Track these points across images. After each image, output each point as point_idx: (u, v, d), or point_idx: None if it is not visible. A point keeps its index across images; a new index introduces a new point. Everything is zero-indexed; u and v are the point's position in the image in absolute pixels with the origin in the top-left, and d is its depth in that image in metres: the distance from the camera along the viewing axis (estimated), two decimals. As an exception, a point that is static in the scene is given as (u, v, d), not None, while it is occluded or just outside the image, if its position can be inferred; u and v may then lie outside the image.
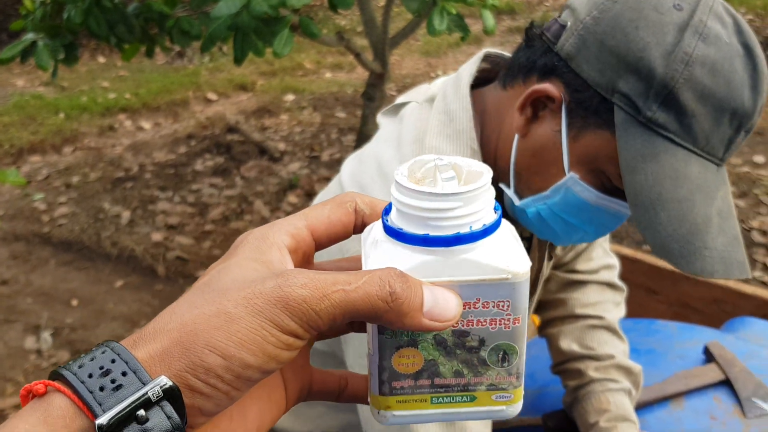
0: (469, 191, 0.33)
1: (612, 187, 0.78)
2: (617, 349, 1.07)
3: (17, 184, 1.72)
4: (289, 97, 5.00)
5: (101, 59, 6.26)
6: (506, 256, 0.34)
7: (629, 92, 0.72)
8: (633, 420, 0.99)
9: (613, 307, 1.12)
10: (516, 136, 0.81)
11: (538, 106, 0.79)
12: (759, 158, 3.54)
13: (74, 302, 2.78)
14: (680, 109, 0.71)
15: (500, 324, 0.35)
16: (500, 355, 0.35)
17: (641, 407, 1.07)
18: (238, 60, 2.18)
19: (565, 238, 0.85)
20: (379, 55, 2.89)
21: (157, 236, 3.19)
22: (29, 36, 2.31)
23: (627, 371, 1.04)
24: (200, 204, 3.49)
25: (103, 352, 0.30)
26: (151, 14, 2.41)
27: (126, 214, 3.42)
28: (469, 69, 0.89)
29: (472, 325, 0.35)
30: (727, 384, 1.08)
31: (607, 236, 1.17)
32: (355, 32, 6.05)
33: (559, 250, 1.10)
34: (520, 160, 0.82)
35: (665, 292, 1.73)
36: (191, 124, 4.63)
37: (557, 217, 0.81)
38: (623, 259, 1.79)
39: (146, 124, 4.75)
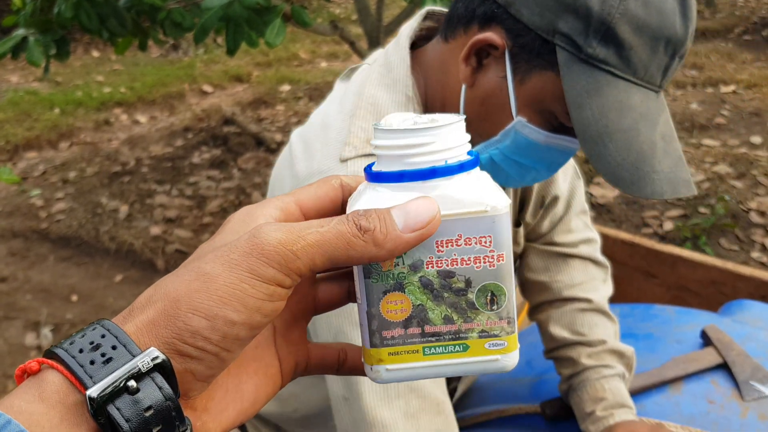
0: (442, 125, 0.34)
1: (559, 126, 0.80)
2: (608, 331, 1.07)
3: (10, 182, 1.71)
4: (285, 88, 4.98)
5: (95, 53, 6.23)
6: (484, 191, 0.34)
7: (569, 32, 0.74)
8: (629, 405, 0.99)
9: (600, 284, 1.12)
10: (463, 87, 0.84)
11: (482, 54, 0.81)
12: (756, 139, 3.53)
13: (74, 298, 2.78)
14: (619, 43, 0.74)
15: (485, 262, 0.35)
16: (488, 297, 0.35)
17: (639, 392, 1.07)
18: (231, 51, 2.16)
19: (519, 180, 0.88)
20: (373, 43, 2.87)
21: (155, 230, 3.19)
22: (20, 32, 2.29)
23: (620, 355, 1.04)
24: (198, 197, 3.48)
25: (93, 329, 0.30)
26: (143, 7, 2.39)
27: (124, 209, 3.41)
28: (410, 25, 0.92)
29: (457, 264, 0.35)
30: (724, 367, 1.08)
31: (587, 210, 1.16)
32: (349, 21, 6.02)
33: (529, 217, 1.09)
34: (469, 109, 0.84)
35: (663, 275, 1.73)
36: (187, 116, 4.61)
37: (509, 160, 0.84)
38: (621, 243, 1.79)
39: (142, 118, 4.73)
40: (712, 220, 2.82)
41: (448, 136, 0.34)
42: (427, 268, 0.35)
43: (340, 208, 0.38)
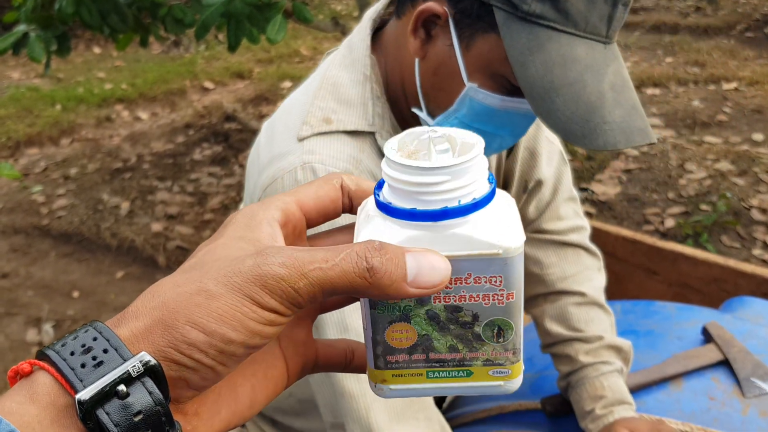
0: (457, 164, 0.32)
1: (512, 88, 0.80)
2: (604, 325, 1.06)
3: (12, 178, 1.71)
4: (286, 84, 4.97)
5: (96, 50, 6.23)
6: (498, 230, 0.33)
7: None
8: (629, 401, 0.99)
9: (594, 274, 1.11)
10: (416, 60, 0.84)
11: (429, 26, 0.82)
12: (758, 136, 3.52)
13: (75, 294, 2.78)
14: None
15: (494, 299, 0.34)
16: (495, 331, 0.35)
17: (640, 389, 1.07)
18: (232, 47, 2.16)
19: (486, 147, 0.86)
20: (374, 39, 2.87)
21: (156, 226, 3.19)
22: (21, 27, 2.29)
23: (617, 350, 1.04)
24: (199, 193, 3.48)
25: (86, 331, 0.30)
26: (144, 3, 2.39)
27: (125, 205, 3.41)
28: (374, 8, 0.94)
29: (465, 301, 0.34)
30: (725, 364, 1.07)
31: (576, 197, 1.14)
32: (351, 17, 6.01)
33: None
34: (424, 81, 0.85)
35: (664, 272, 1.73)
36: (189, 113, 4.61)
37: (471, 128, 0.84)
38: (623, 240, 1.79)
39: (143, 114, 4.73)
40: (713, 217, 2.82)
41: (464, 172, 0.33)
42: (435, 302, 0.34)
43: (340, 210, 0.38)
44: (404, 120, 0.91)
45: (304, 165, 0.83)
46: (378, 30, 0.93)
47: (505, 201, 0.35)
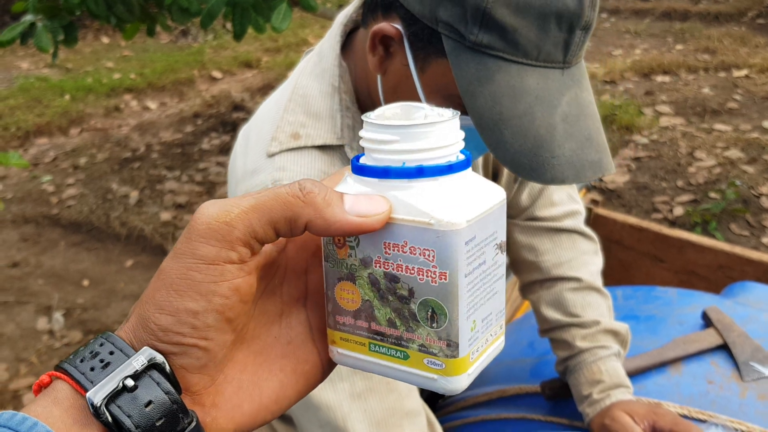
0: (407, 126, 0.32)
1: None
2: (601, 309, 1.06)
3: (20, 167, 1.73)
4: (294, 74, 4.97)
5: (105, 40, 6.25)
6: (441, 202, 0.32)
7: (449, 19, 0.72)
8: (626, 385, 0.99)
9: (589, 258, 1.10)
10: (378, 75, 0.83)
11: (388, 43, 0.80)
12: (768, 123, 3.50)
13: (85, 282, 2.81)
14: (500, 27, 0.70)
15: (427, 276, 0.33)
16: (429, 313, 0.34)
17: (639, 373, 1.07)
18: (238, 36, 2.17)
19: None
20: (380, 27, 2.86)
21: (165, 215, 3.21)
22: (28, 17, 2.31)
23: (614, 333, 1.04)
24: (207, 182, 3.50)
25: (94, 341, 0.33)
26: (150, -8, 2.40)
27: (134, 194, 3.44)
28: (345, 11, 0.92)
29: (401, 271, 0.34)
30: (725, 348, 1.07)
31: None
32: (359, 6, 5.98)
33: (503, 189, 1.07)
34: (387, 96, 0.83)
35: (671, 259, 1.73)
36: (197, 102, 4.63)
37: None
38: (629, 227, 1.79)
39: (152, 104, 4.75)
40: (722, 205, 2.80)
41: (416, 137, 0.32)
42: (376, 266, 0.34)
43: None
44: None
45: (275, 182, 0.83)
46: (353, 31, 0.92)
47: (483, 188, 0.35)
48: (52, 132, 4.34)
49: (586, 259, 1.09)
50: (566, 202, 1.11)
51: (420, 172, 0.33)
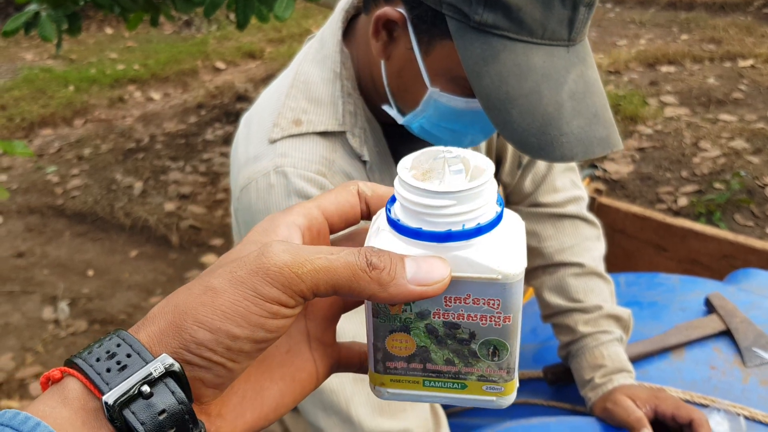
0: (463, 190, 0.33)
1: None
2: (603, 294, 1.06)
3: (25, 156, 1.74)
4: (298, 64, 4.96)
5: (108, 30, 6.25)
6: (500, 255, 0.34)
7: (453, 0, 0.72)
8: (629, 369, 0.99)
9: (592, 243, 1.10)
10: (382, 60, 0.83)
11: (391, 27, 0.80)
12: (774, 113, 3.48)
13: (90, 273, 2.82)
14: (504, 6, 0.70)
15: (491, 321, 0.35)
16: (491, 350, 0.35)
17: (642, 358, 1.07)
18: (241, 25, 2.17)
19: (457, 144, 0.86)
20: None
21: (169, 206, 3.22)
22: (32, 7, 2.31)
23: (617, 318, 1.04)
24: (211, 173, 3.51)
25: (110, 339, 0.32)
26: (153, -18, 2.40)
27: (138, 185, 3.45)
28: None
29: (463, 319, 0.35)
30: (727, 334, 1.08)
31: (575, 167, 1.13)
32: (362, -4, 5.96)
33: (506, 177, 1.08)
34: (390, 81, 0.84)
35: (674, 248, 1.73)
36: (200, 93, 4.62)
37: (440, 126, 0.83)
38: (633, 216, 1.78)
39: (156, 95, 4.75)
40: (726, 195, 2.79)
41: (470, 198, 0.33)
42: (434, 318, 0.35)
43: (359, 215, 0.39)
44: (379, 111, 0.90)
45: (276, 169, 0.84)
46: (355, 17, 0.91)
47: (513, 224, 0.36)
48: (57, 123, 4.34)
49: (588, 244, 1.09)
50: (569, 188, 1.11)
51: (479, 232, 0.34)
